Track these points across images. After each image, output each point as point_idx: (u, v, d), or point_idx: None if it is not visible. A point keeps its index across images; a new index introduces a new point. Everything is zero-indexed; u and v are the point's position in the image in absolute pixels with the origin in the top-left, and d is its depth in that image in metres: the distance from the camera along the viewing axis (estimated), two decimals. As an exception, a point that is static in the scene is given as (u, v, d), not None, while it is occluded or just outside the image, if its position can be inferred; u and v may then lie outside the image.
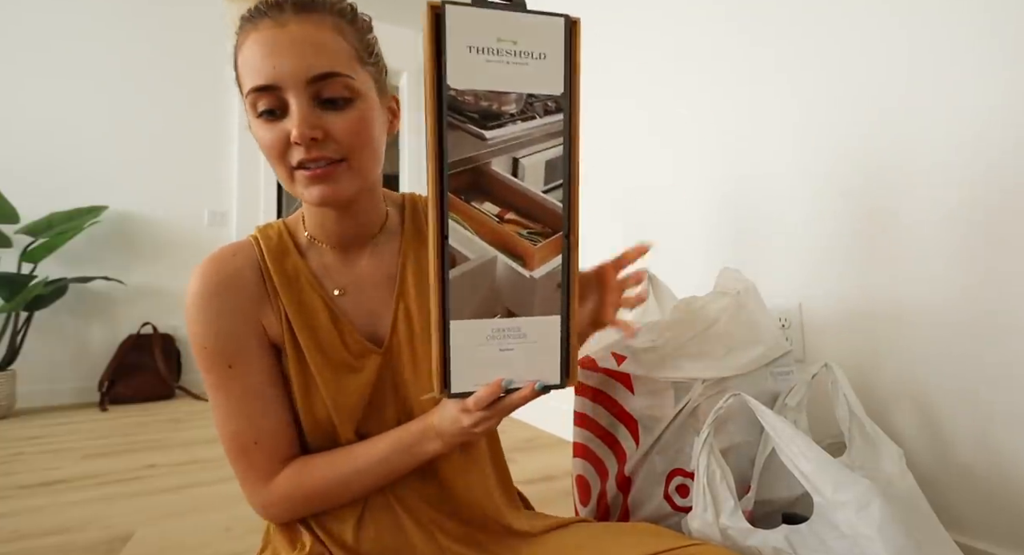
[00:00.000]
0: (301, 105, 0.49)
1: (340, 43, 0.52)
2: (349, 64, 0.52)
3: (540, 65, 0.43)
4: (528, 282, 0.46)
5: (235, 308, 0.56)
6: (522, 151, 0.44)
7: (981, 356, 0.75)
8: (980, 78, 0.76)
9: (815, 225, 0.98)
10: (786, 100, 1.04)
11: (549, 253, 0.45)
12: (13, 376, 2.40)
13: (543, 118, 0.44)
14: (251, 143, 3.14)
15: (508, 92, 0.43)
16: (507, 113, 0.44)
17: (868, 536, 0.55)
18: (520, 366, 0.47)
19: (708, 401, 0.77)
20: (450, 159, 0.43)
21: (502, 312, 0.46)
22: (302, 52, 0.49)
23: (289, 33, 0.49)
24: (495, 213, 0.45)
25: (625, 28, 1.51)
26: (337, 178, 0.52)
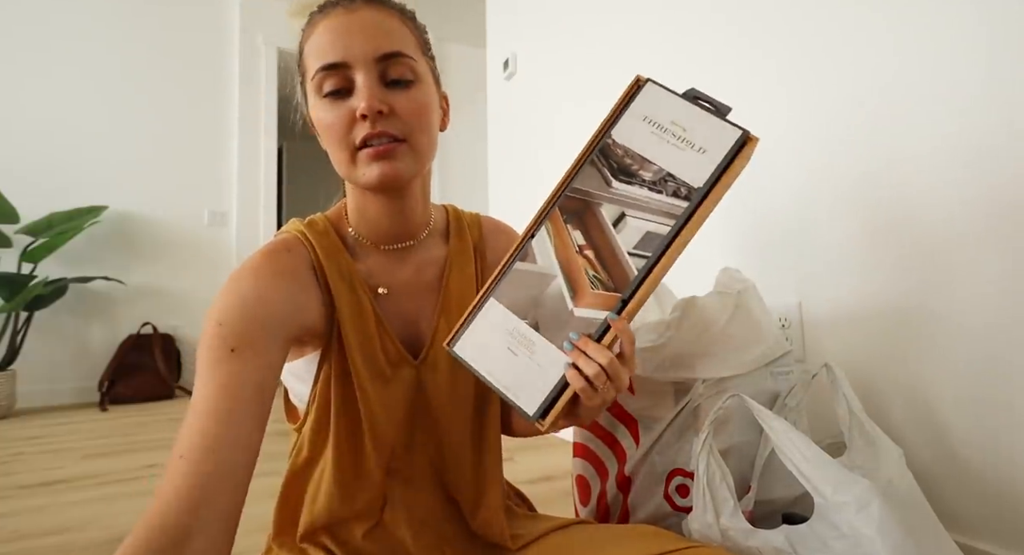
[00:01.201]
0: (369, 81, 0.51)
1: (405, 31, 0.55)
2: (414, 49, 0.55)
3: (696, 157, 0.47)
4: (566, 313, 0.48)
5: (281, 297, 0.51)
6: (633, 212, 0.48)
7: (981, 355, 0.75)
8: (981, 77, 0.76)
9: (815, 225, 0.98)
10: (785, 100, 1.04)
11: (599, 303, 0.47)
12: (13, 376, 2.40)
13: (669, 197, 0.47)
14: (251, 143, 3.14)
15: (653, 162, 0.49)
16: (641, 177, 0.49)
17: (868, 536, 0.55)
18: (511, 375, 0.49)
19: (708, 401, 0.77)
20: (574, 185, 0.50)
21: (532, 321, 0.49)
22: (373, 33, 0.52)
23: (360, 17, 0.52)
24: (579, 243, 0.49)
25: (624, 29, 1.51)
26: (399, 157, 0.53)
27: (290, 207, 5.02)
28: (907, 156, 0.84)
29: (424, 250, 0.63)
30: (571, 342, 0.47)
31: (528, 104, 2.07)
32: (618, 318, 0.46)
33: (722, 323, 0.80)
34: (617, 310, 0.47)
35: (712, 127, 0.48)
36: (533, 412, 0.48)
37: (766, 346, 0.81)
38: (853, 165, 0.92)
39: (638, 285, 0.47)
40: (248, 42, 3.16)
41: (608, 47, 1.59)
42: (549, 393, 0.47)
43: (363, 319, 0.56)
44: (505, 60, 2.20)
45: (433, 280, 0.62)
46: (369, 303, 0.57)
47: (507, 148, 2.25)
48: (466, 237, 0.66)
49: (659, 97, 0.50)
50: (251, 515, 0.63)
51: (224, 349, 0.47)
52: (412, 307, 0.61)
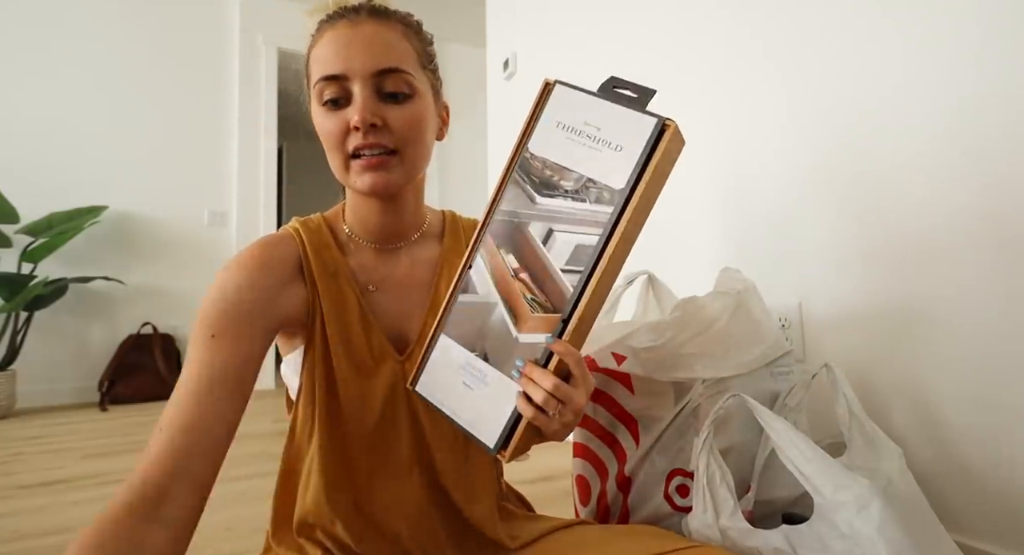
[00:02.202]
0: (364, 94, 0.53)
1: (406, 45, 0.56)
2: (412, 64, 0.56)
3: (613, 156, 0.45)
4: (511, 340, 0.47)
5: (261, 287, 0.54)
6: (560, 226, 0.46)
7: (981, 355, 0.75)
8: (980, 76, 0.76)
9: (815, 225, 0.98)
10: (786, 101, 1.04)
11: (541, 326, 0.46)
12: (13, 376, 2.40)
13: (592, 204, 0.45)
14: (251, 143, 3.15)
15: (572, 170, 0.46)
16: (563, 188, 0.46)
17: (868, 536, 0.55)
18: (471, 410, 0.48)
19: (708, 401, 0.77)
20: (500, 208, 0.48)
21: (480, 352, 0.48)
22: (372, 48, 0.54)
23: (362, 31, 0.54)
24: (513, 267, 0.48)
25: (624, 28, 1.51)
26: (390, 168, 0.55)
27: (290, 207, 5.02)
28: (907, 156, 0.84)
29: (417, 250, 0.65)
30: (518, 369, 0.46)
31: (528, 104, 2.06)
32: (557, 341, 0.44)
33: (722, 323, 0.80)
34: (558, 332, 0.44)
35: (626, 121, 0.45)
36: (493, 445, 0.46)
37: (766, 346, 0.81)
38: (853, 165, 0.92)
39: (576, 302, 0.44)
40: (248, 42, 3.16)
41: (608, 46, 1.59)
42: (506, 425, 0.46)
43: (347, 312, 0.59)
44: (505, 60, 2.20)
45: (424, 279, 0.64)
46: (355, 297, 0.59)
47: (507, 148, 2.25)
48: (460, 239, 0.67)
49: (569, 99, 0.47)
50: (253, 515, 0.63)
51: (206, 335, 0.51)
52: (401, 304, 0.62)
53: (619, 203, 0.44)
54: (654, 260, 1.38)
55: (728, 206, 1.18)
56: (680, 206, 1.31)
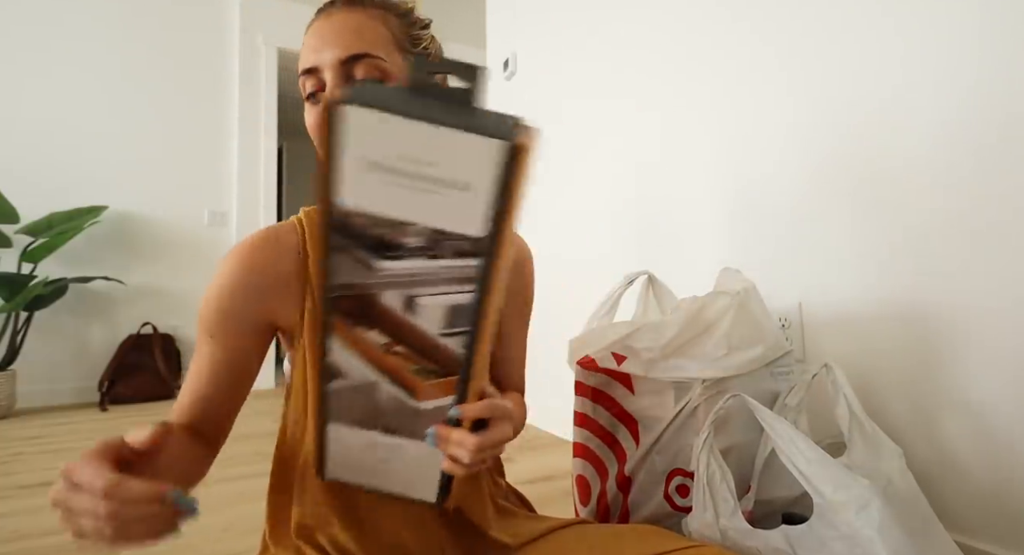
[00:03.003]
0: (332, 82, 0.53)
1: (380, 29, 0.55)
2: (385, 48, 0.55)
3: (459, 197, 0.33)
4: (411, 411, 0.43)
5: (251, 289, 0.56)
6: (421, 290, 0.37)
7: (981, 355, 0.75)
8: (982, 76, 0.76)
9: (815, 225, 0.98)
10: (786, 101, 1.04)
11: (440, 391, 0.42)
12: (13, 376, 2.40)
13: (451, 260, 0.36)
14: (251, 143, 3.14)
15: (410, 223, 0.35)
16: (406, 246, 0.36)
17: (868, 536, 0.55)
18: (397, 479, 0.46)
19: (708, 401, 0.77)
20: (333, 281, 0.38)
21: (382, 429, 0.44)
22: (340, 36, 0.53)
23: (332, 22, 0.54)
24: (383, 343, 0.40)
25: (625, 27, 1.51)
26: None
27: (290, 207, 5.02)
28: (908, 157, 0.84)
29: None
30: (432, 438, 0.43)
31: (528, 104, 2.07)
32: (465, 406, 0.42)
33: (722, 323, 0.80)
34: (460, 394, 0.41)
35: (461, 147, 0.32)
36: (435, 500, 0.47)
37: (766, 346, 0.81)
38: (854, 165, 0.92)
39: (469, 362, 0.40)
40: (248, 42, 3.16)
41: (609, 45, 1.59)
42: (440, 480, 0.46)
43: None
44: (505, 60, 2.20)
45: None
46: None
47: (507, 148, 2.25)
48: None
49: (373, 126, 0.32)
50: (251, 514, 0.63)
51: (204, 334, 0.56)
52: None
53: (486, 251, 0.35)
54: (654, 260, 1.37)
55: (728, 207, 1.18)
56: (681, 206, 1.31)
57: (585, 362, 0.87)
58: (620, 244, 1.53)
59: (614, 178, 1.55)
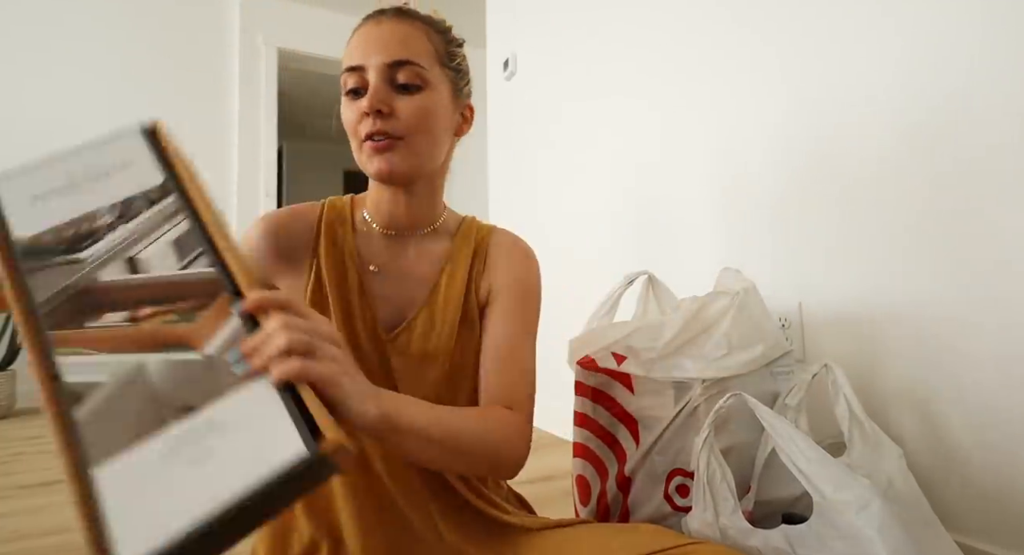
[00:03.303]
0: (377, 82, 0.58)
1: (423, 42, 0.60)
2: (427, 59, 0.60)
3: (125, 173, 0.40)
4: (203, 364, 0.35)
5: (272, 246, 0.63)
6: (136, 247, 0.38)
7: (981, 356, 0.75)
8: (981, 74, 0.76)
9: (816, 225, 0.98)
10: (787, 101, 1.04)
11: (216, 321, 0.35)
12: (13, 376, 2.40)
13: (150, 209, 0.39)
14: (251, 143, 3.15)
15: (97, 212, 0.39)
16: (102, 227, 0.38)
17: (868, 536, 0.55)
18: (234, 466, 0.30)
19: (708, 401, 0.77)
20: (42, 299, 0.35)
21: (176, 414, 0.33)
22: (388, 42, 0.58)
23: (382, 28, 0.59)
24: (123, 318, 0.36)
25: (625, 27, 1.51)
26: (395, 152, 0.59)
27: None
28: (909, 156, 0.84)
29: (426, 243, 0.68)
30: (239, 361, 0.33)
31: (528, 104, 2.07)
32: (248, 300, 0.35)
33: (722, 323, 0.80)
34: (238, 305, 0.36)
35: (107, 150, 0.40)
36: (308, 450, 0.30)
37: (766, 346, 0.81)
38: (854, 165, 0.92)
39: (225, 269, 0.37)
40: (248, 42, 3.16)
41: (609, 45, 1.59)
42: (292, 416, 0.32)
43: (345, 285, 0.63)
44: (505, 60, 2.20)
45: (427, 273, 0.66)
46: (356, 274, 0.64)
47: (507, 148, 2.25)
48: (470, 241, 0.69)
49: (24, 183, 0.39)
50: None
51: None
52: (400, 292, 0.65)
53: (175, 186, 0.39)
54: (654, 260, 1.38)
55: (728, 206, 1.18)
56: (681, 206, 1.31)
57: (585, 362, 0.87)
58: (620, 244, 1.53)
59: (614, 178, 1.56)
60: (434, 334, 0.64)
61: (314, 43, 3.23)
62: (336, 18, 3.11)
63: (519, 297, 0.68)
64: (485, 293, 0.67)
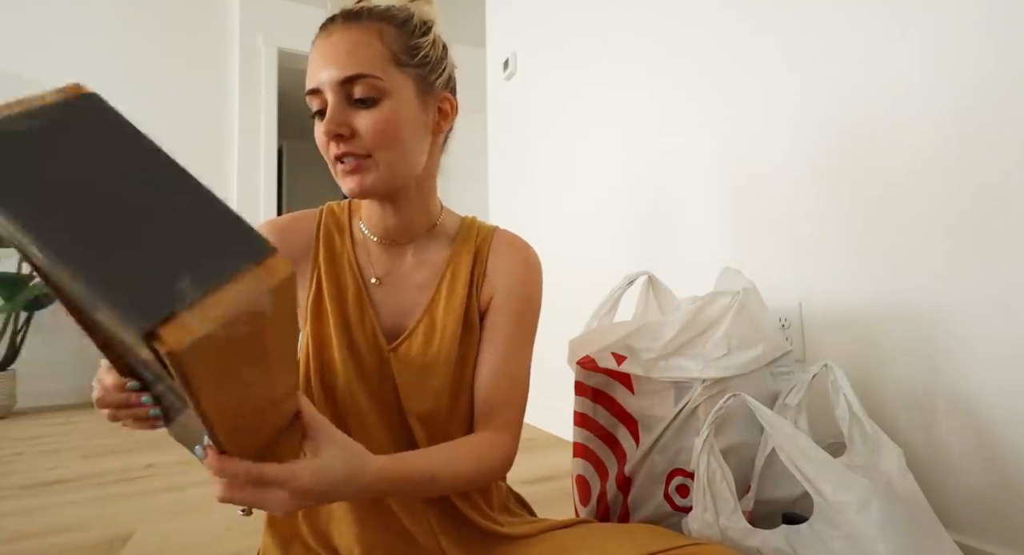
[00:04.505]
0: (332, 104, 0.55)
1: (375, 47, 0.56)
2: (382, 66, 0.56)
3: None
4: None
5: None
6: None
7: (981, 355, 0.75)
8: (990, 74, 0.76)
9: (816, 225, 0.98)
10: (788, 101, 1.04)
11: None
12: (13, 376, 2.40)
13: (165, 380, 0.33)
14: (251, 143, 3.14)
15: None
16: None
17: (868, 536, 0.55)
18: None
19: (708, 401, 0.77)
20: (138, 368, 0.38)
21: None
22: (336, 57, 0.55)
23: (331, 41, 0.56)
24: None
25: (626, 26, 1.51)
26: (365, 172, 0.57)
27: (290, 207, 5.02)
28: (911, 156, 0.84)
29: (424, 249, 0.66)
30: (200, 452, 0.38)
31: (528, 104, 2.07)
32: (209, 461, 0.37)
33: (722, 323, 0.80)
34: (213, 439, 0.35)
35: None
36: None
37: (766, 346, 0.81)
38: (855, 165, 0.92)
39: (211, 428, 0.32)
40: (248, 42, 3.16)
41: (610, 44, 1.59)
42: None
43: (345, 295, 0.63)
44: (505, 60, 2.20)
45: (426, 280, 0.65)
46: (355, 284, 0.63)
47: (507, 148, 2.25)
48: (471, 245, 0.68)
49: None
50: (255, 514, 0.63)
51: None
52: (401, 300, 0.65)
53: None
54: (654, 260, 1.38)
55: (728, 206, 1.18)
56: (681, 207, 1.31)
57: (585, 362, 0.87)
58: (620, 244, 1.53)
59: (614, 177, 1.56)
60: (435, 342, 0.62)
61: (314, 43, 3.23)
62: (336, 18, 3.11)
63: (518, 307, 0.67)
64: (486, 299, 0.66)
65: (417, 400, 0.61)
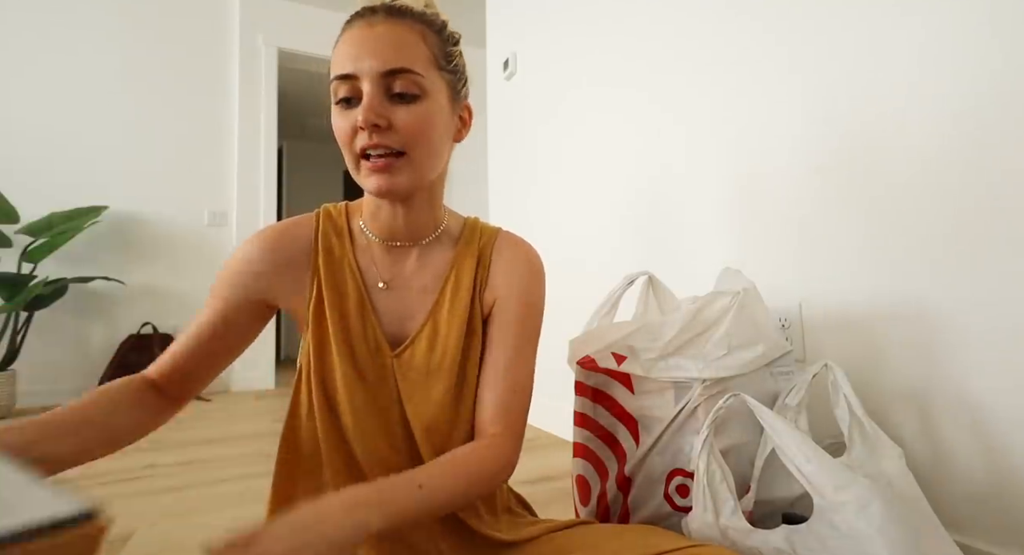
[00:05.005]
0: (372, 93, 0.53)
1: (420, 46, 0.56)
2: (424, 65, 0.55)
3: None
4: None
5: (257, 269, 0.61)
6: None
7: (981, 355, 0.75)
8: (993, 72, 0.76)
9: (816, 225, 0.98)
10: (789, 102, 1.04)
11: None
12: (13, 376, 2.40)
13: None
14: (251, 143, 3.14)
15: None
16: None
17: (868, 536, 0.55)
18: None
19: (708, 401, 0.77)
20: None
21: None
22: (383, 48, 0.54)
23: (376, 32, 0.54)
24: None
25: (628, 26, 1.51)
26: (395, 171, 0.56)
27: (290, 207, 5.02)
28: (911, 157, 0.84)
29: (428, 253, 0.65)
30: None
31: (528, 104, 2.07)
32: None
33: (722, 323, 0.80)
34: None
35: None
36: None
37: (766, 346, 0.81)
38: (854, 166, 0.92)
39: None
40: (248, 42, 3.16)
41: (610, 43, 1.59)
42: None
43: (347, 302, 0.61)
44: (505, 60, 2.20)
45: (431, 282, 0.64)
46: (358, 290, 0.62)
47: (507, 148, 2.25)
48: (474, 248, 0.67)
49: None
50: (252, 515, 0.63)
51: (210, 296, 0.62)
52: (405, 304, 0.63)
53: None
54: (654, 260, 1.38)
55: (728, 207, 1.18)
56: (680, 207, 1.31)
57: (585, 362, 0.87)
58: (620, 244, 1.53)
59: (614, 177, 1.56)
60: (439, 348, 0.62)
61: (314, 43, 3.23)
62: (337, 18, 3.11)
63: (522, 312, 0.66)
64: (489, 303, 0.66)
65: (420, 407, 0.61)
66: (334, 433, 0.60)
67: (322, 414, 0.59)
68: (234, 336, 0.62)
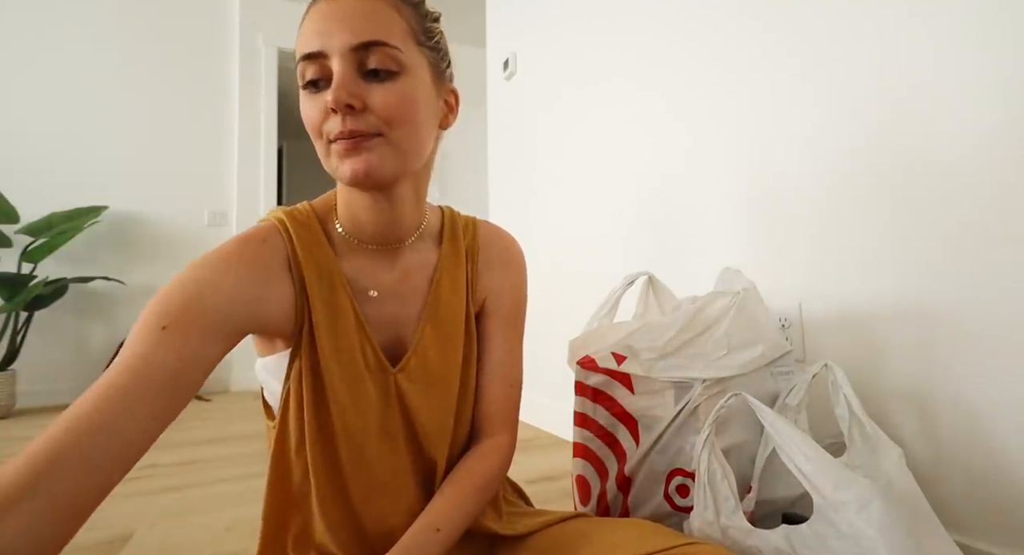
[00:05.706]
0: (342, 71, 0.47)
1: (394, 17, 0.49)
2: (401, 38, 0.49)
3: None
4: None
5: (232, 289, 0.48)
6: None
7: (981, 356, 0.75)
8: (1000, 81, 0.76)
9: (815, 225, 0.98)
10: (793, 102, 1.04)
11: None
12: (13, 376, 2.40)
13: None
14: (251, 143, 3.14)
15: None
16: None
17: (868, 536, 0.55)
18: None
19: (708, 401, 0.77)
20: None
21: None
22: (351, 20, 0.47)
23: (344, 5, 0.48)
24: None
25: (629, 27, 1.51)
26: (372, 150, 0.48)
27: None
28: (909, 156, 0.84)
29: (414, 253, 0.60)
30: None
31: (528, 104, 2.07)
32: None
33: (722, 323, 0.80)
34: None
35: None
36: None
37: (766, 346, 0.81)
38: (854, 166, 0.92)
39: None
40: (248, 42, 3.16)
41: (610, 43, 1.59)
42: None
43: (341, 319, 0.54)
44: (505, 60, 2.20)
45: (421, 285, 0.60)
46: (350, 303, 0.55)
47: (507, 148, 2.25)
48: (459, 241, 0.64)
49: None
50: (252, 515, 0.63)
51: (155, 325, 0.44)
52: (397, 312, 0.59)
53: None
54: (654, 260, 1.38)
55: (728, 207, 1.18)
56: (681, 207, 1.31)
57: (585, 362, 0.87)
58: (620, 244, 1.53)
59: (615, 176, 1.55)
60: (440, 354, 0.59)
61: (314, 43, 3.23)
62: (336, 18, 3.11)
63: (512, 309, 0.65)
64: (480, 300, 0.64)
65: (429, 418, 0.58)
66: (329, 467, 0.55)
67: (315, 447, 0.54)
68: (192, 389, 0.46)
